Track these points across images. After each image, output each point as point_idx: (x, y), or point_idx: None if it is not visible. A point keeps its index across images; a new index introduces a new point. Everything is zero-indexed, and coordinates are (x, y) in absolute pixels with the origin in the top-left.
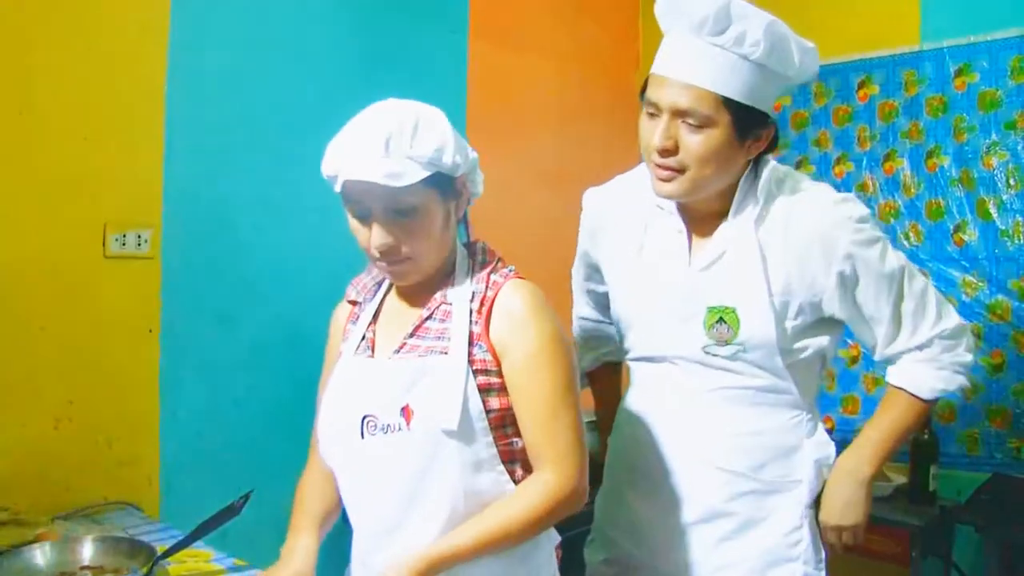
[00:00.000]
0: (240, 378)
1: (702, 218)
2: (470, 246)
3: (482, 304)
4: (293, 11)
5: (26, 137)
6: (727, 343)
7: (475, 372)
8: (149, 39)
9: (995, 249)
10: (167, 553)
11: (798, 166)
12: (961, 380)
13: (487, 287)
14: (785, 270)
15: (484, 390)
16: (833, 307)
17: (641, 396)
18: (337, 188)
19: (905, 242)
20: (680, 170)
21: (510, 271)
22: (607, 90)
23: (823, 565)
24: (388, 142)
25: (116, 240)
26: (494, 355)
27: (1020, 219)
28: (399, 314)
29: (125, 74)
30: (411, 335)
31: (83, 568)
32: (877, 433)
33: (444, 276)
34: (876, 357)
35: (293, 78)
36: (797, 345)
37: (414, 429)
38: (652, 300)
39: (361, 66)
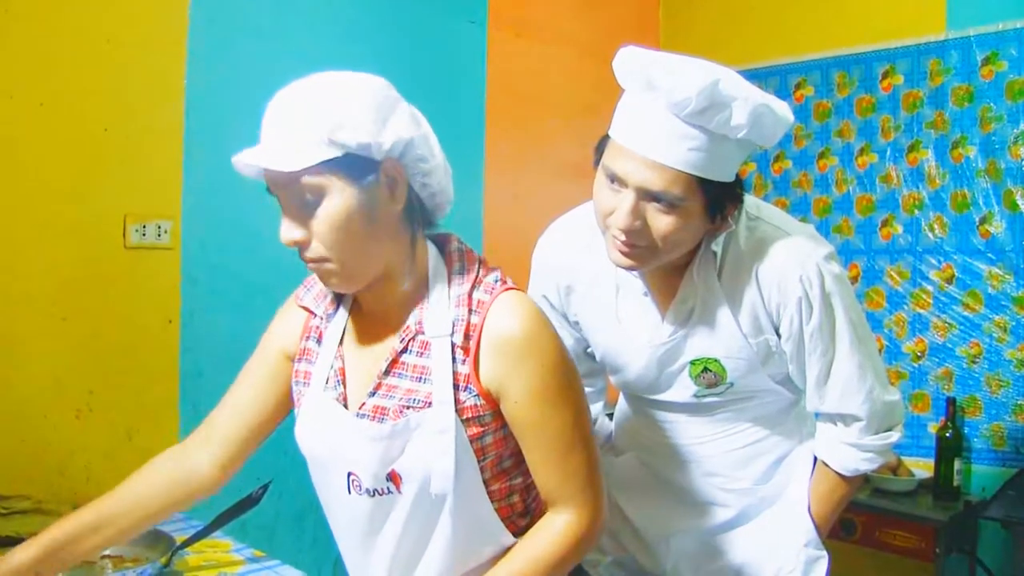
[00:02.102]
0: None
1: (663, 276)
2: (444, 247)
3: (467, 335)
4: (312, 3)
5: (47, 128)
6: (717, 386)
7: (466, 421)
8: (169, 30)
9: (1022, 241)
10: (187, 543)
11: (820, 157)
12: (883, 460)
13: (470, 310)
14: (753, 314)
15: (477, 439)
16: (785, 348)
17: (635, 421)
18: (241, 170)
19: (930, 234)
20: (643, 247)
21: (495, 281)
22: None
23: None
24: (282, 119)
25: (136, 231)
26: (486, 397)
27: None
28: (370, 342)
29: (145, 65)
30: (386, 372)
31: (104, 557)
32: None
33: (415, 289)
34: (807, 408)
35: (312, 69)
36: (786, 370)
37: (406, 492)
38: (635, 361)
39: (380, 58)
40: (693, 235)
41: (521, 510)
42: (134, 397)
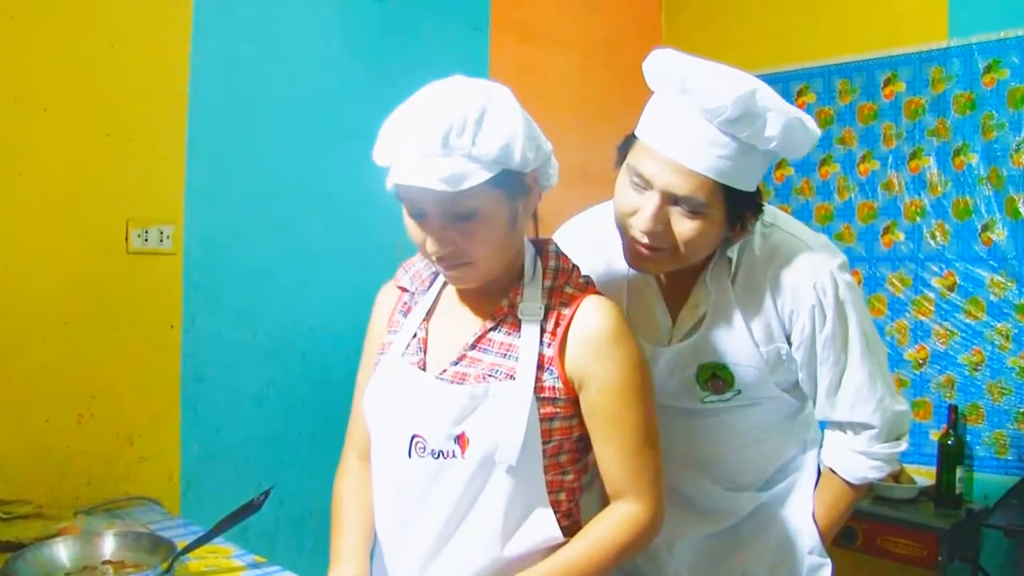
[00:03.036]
0: (261, 374)
1: (677, 279)
2: (541, 248)
3: (556, 324)
4: (315, 8)
5: (50, 133)
6: (724, 392)
7: (541, 400)
8: (172, 36)
9: None
10: (187, 549)
11: (822, 164)
12: (891, 468)
13: (562, 302)
14: (765, 321)
15: (547, 419)
16: (796, 356)
17: None
18: (388, 186)
19: (932, 241)
20: (664, 250)
21: (587, 283)
22: (630, 86)
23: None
24: (447, 139)
25: (138, 236)
26: (566, 383)
27: None
28: (459, 318)
29: (148, 71)
30: (472, 346)
31: (105, 562)
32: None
33: (512, 280)
34: (816, 416)
35: (315, 75)
36: (794, 378)
37: (469, 458)
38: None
39: (383, 63)
40: (712, 241)
41: (565, 510)
42: (136, 402)
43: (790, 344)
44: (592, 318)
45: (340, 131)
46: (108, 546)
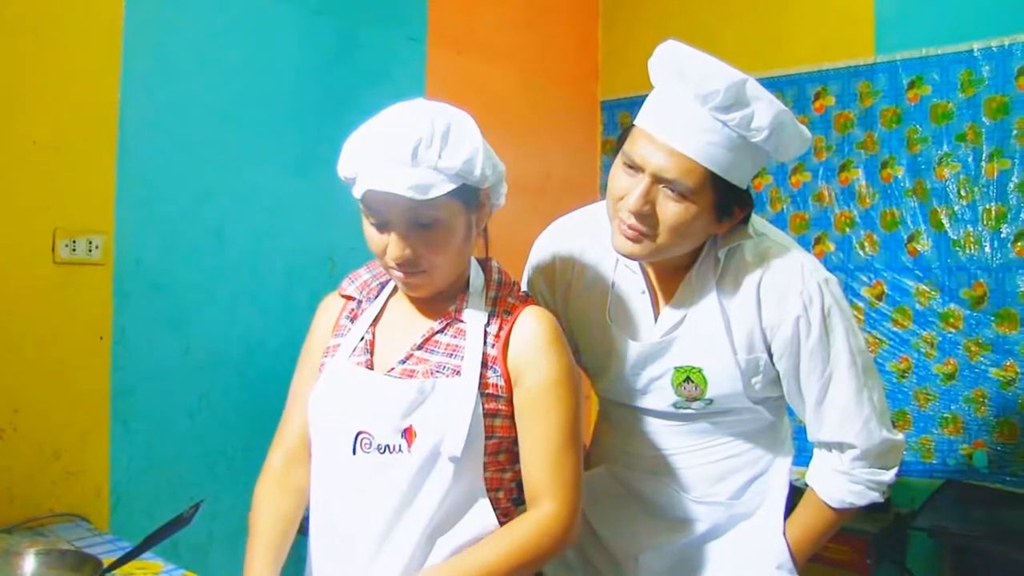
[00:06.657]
0: (194, 387)
1: (665, 275)
2: (484, 263)
3: (500, 327)
4: (248, 19)
5: None
6: (696, 399)
7: (485, 396)
8: (102, 41)
9: (948, 259)
10: (114, 565)
11: (755, 176)
12: (874, 496)
13: (504, 310)
14: (748, 328)
15: (491, 415)
16: (780, 367)
17: (612, 432)
18: (356, 194)
19: (861, 252)
20: (648, 234)
21: (526, 295)
22: (567, 100)
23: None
24: (416, 151)
25: (66, 246)
26: (507, 380)
27: (971, 229)
28: (406, 322)
29: (77, 77)
30: (420, 347)
31: None
32: (791, 543)
33: (457, 290)
34: (809, 438)
35: (249, 85)
36: (767, 395)
37: (415, 452)
38: (619, 360)
39: (318, 74)
40: (698, 232)
41: (504, 508)
42: (62, 416)
43: (771, 356)
44: (531, 322)
45: (275, 141)
46: (29, 566)
